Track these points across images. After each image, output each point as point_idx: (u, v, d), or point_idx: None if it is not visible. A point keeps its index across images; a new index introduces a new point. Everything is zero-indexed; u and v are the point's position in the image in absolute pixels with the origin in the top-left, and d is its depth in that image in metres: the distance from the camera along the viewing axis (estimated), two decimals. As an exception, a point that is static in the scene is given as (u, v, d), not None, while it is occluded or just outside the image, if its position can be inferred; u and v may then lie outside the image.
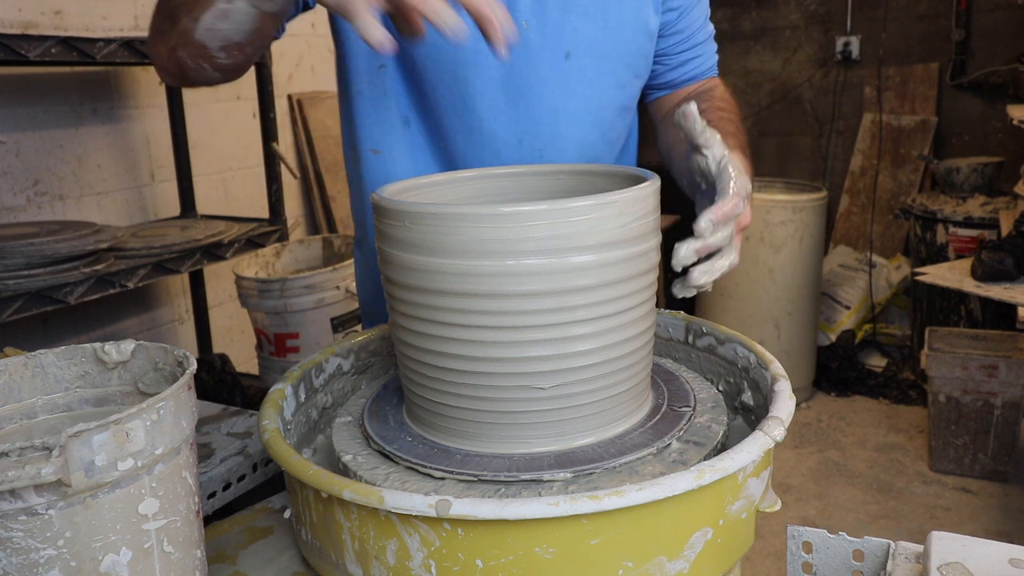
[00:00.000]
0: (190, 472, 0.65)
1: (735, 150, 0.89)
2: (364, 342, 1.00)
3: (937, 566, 0.61)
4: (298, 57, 3.13)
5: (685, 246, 0.75)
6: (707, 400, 0.86)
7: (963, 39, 3.60)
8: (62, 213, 2.34)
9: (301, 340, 2.44)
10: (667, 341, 1.00)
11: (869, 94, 3.88)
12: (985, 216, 3.05)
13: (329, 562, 0.70)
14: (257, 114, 2.63)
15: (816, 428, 3.19)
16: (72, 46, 1.89)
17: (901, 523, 2.54)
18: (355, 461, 0.78)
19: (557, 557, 0.61)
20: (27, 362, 0.70)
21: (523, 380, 0.73)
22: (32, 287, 1.82)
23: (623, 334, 0.75)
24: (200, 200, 2.67)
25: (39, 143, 2.27)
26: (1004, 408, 2.66)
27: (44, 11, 2.24)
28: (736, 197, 0.77)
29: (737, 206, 0.77)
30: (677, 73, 1.17)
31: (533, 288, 0.70)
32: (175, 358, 0.70)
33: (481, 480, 0.72)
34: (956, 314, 3.19)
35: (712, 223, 0.75)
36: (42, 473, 0.53)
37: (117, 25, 2.44)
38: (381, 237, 0.78)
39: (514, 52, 1.02)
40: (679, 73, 1.17)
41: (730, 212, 0.77)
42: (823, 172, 4.06)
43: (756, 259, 3.29)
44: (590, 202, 0.70)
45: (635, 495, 0.60)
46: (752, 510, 0.69)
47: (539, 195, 0.93)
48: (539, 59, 1.03)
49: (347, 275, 2.45)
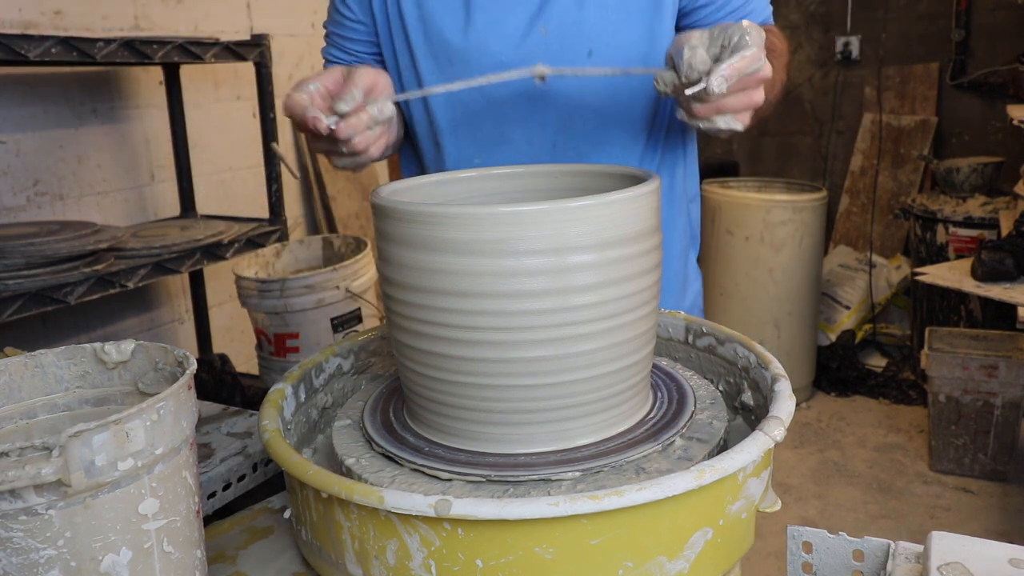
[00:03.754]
0: (190, 472, 0.65)
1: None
2: (364, 342, 1.00)
3: (937, 566, 0.61)
4: (298, 57, 3.13)
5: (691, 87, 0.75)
6: (706, 397, 0.86)
7: (963, 39, 3.60)
8: (62, 213, 2.34)
9: (301, 340, 2.44)
10: (667, 341, 1.00)
11: (869, 94, 3.88)
12: (985, 216, 3.05)
13: (329, 562, 0.70)
14: (257, 114, 2.63)
15: (816, 428, 3.19)
16: (72, 46, 1.89)
17: (901, 523, 2.54)
18: (359, 464, 0.77)
19: (557, 557, 0.61)
20: (27, 362, 0.70)
21: (524, 380, 0.73)
22: (32, 287, 1.82)
23: (624, 334, 0.75)
24: (200, 200, 2.67)
25: (39, 143, 2.27)
26: (1004, 408, 2.66)
27: (44, 11, 2.24)
28: (753, 49, 0.75)
29: (752, 63, 0.75)
30: None
31: (533, 288, 0.70)
32: (175, 358, 0.70)
33: (489, 481, 0.72)
34: (956, 314, 3.19)
35: (724, 79, 0.74)
36: (42, 473, 0.53)
37: (117, 25, 2.44)
38: (381, 237, 0.78)
39: (536, 58, 1.02)
40: None
41: (744, 67, 0.75)
42: (823, 172, 4.06)
43: (756, 259, 3.29)
44: (590, 202, 0.70)
45: (635, 495, 0.60)
46: (752, 510, 0.69)
47: (539, 195, 0.93)
48: (561, 61, 1.03)
49: (347, 275, 2.45)
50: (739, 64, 0.75)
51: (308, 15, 3.17)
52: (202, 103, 2.74)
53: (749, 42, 0.76)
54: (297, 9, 3.11)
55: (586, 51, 1.04)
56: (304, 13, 3.15)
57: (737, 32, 0.77)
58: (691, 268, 1.30)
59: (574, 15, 1.03)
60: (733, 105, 0.80)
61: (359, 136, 0.87)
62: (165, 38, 2.14)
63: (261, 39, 2.42)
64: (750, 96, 0.81)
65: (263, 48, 2.42)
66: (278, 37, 2.99)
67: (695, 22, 1.10)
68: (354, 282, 2.45)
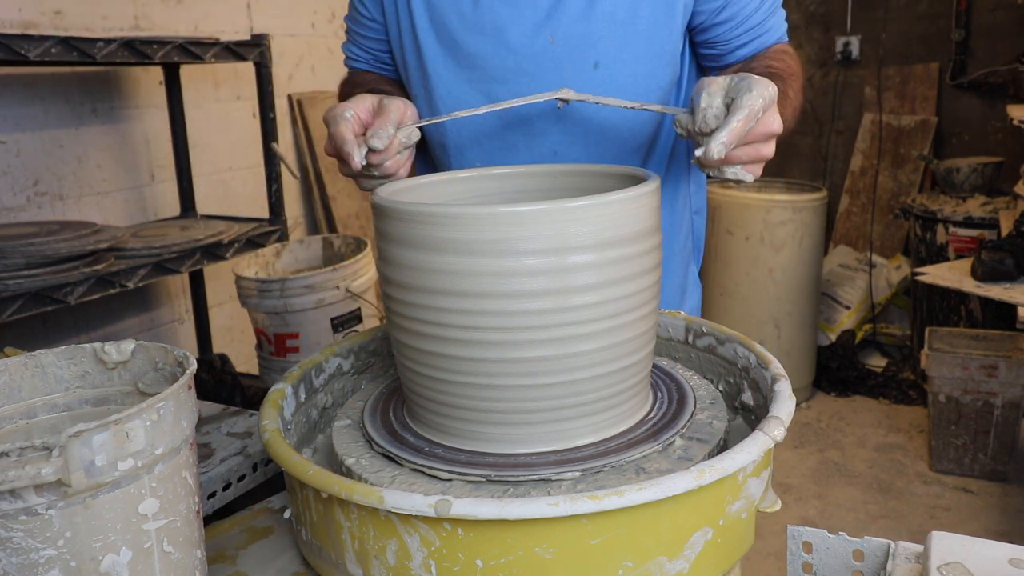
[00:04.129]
0: (190, 472, 0.65)
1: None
2: (364, 342, 1.00)
3: (937, 566, 0.61)
4: (298, 57, 3.13)
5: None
6: (706, 397, 0.86)
7: (963, 39, 3.60)
8: (62, 213, 2.34)
9: (301, 340, 2.44)
10: (667, 341, 1.00)
11: (869, 94, 3.88)
12: (985, 216, 3.05)
13: (329, 562, 0.70)
14: (257, 114, 2.63)
15: (816, 428, 3.19)
16: (72, 46, 1.89)
17: (901, 523, 2.54)
18: (359, 464, 0.77)
19: (557, 557, 0.61)
20: (27, 362, 0.70)
21: (524, 380, 0.73)
22: (32, 287, 1.82)
23: (624, 334, 0.75)
24: (200, 200, 2.67)
25: (39, 143, 2.27)
26: (1004, 408, 2.66)
27: (44, 11, 2.24)
28: (747, 110, 0.76)
29: (744, 128, 0.76)
30: (736, 56, 1.12)
31: (533, 288, 0.70)
32: (175, 358, 0.70)
33: (489, 481, 0.72)
34: (956, 314, 3.19)
35: (724, 146, 0.76)
36: (42, 473, 0.53)
37: (117, 25, 2.44)
38: (381, 237, 0.78)
39: (543, 68, 1.04)
40: (738, 56, 1.12)
41: (742, 130, 0.76)
42: (823, 172, 4.06)
43: (756, 259, 3.29)
44: (590, 202, 0.70)
45: (635, 495, 0.60)
46: (752, 510, 0.69)
47: (539, 195, 0.93)
48: (567, 71, 1.04)
49: (347, 275, 2.45)
50: (737, 128, 0.76)
51: (308, 15, 3.17)
52: (202, 103, 2.74)
53: (747, 102, 0.77)
54: (297, 9, 3.11)
55: (592, 63, 1.04)
56: (304, 13, 3.15)
57: (744, 89, 0.78)
58: (691, 280, 1.29)
59: (582, 27, 1.03)
60: (741, 158, 0.82)
61: (390, 160, 0.92)
62: (165, 38, 2.14)
63: (261, 39, 2.42)
64: (758, 150, 0.82)
65: (263, 48, 2.42)
66: (278, 37, 2.99)
67: (713, 39, 1.09)
68: (354, 282, 2.45)
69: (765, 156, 0.82)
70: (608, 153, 1.09)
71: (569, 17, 1.03)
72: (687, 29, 1.10)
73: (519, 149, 1.10)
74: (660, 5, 1.03)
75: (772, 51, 1.10)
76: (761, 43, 1.11)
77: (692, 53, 1.15)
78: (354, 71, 1.24)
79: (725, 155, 0.77)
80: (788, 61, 1.08)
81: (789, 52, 1.10)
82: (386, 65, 1.21)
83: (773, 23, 1.11)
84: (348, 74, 1.25)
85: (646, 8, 1.03)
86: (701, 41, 1.11)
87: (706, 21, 1.08)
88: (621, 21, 1.03)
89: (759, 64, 1.05)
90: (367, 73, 1.23)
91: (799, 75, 1.08)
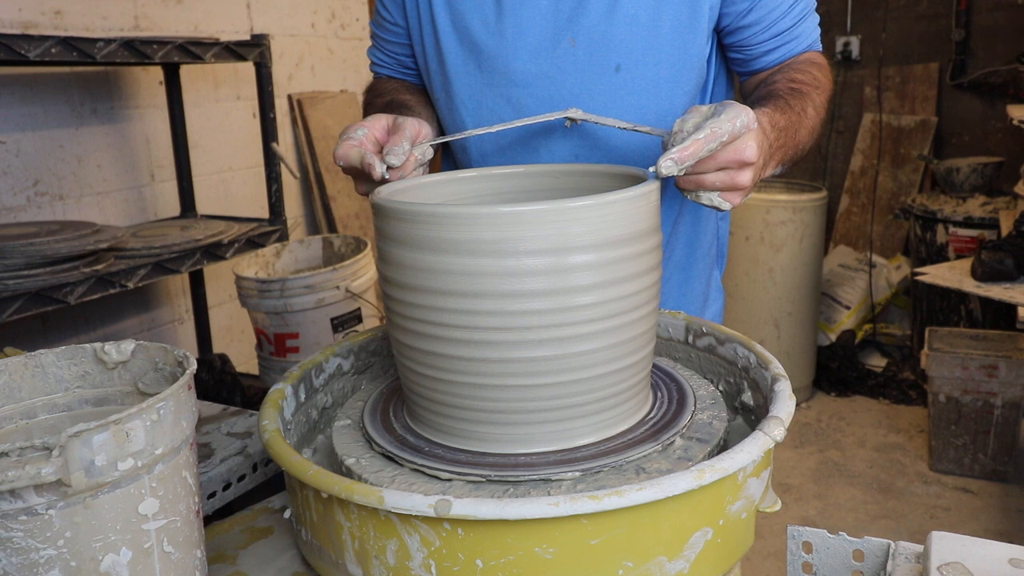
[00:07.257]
0: (190, 472, 0.65)
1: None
2: (364, 342, 1.00)
3: (937, 566, 0.61)
4: (298, 57, 3.13)
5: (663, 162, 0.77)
6: (706, 397, 0.86)
7: (963, 39, 3.60)
8: (62, 213, 2.34)
9: (301, 340, 2.44)
10: (667, 341, 1.00)
11: (869, 94, 3.88)
12: (985, 216, 3.05)
13: (329, 562, 0.70)
14: (257, 114, 2.63)
15: (816, 428, 3.19)
16: (72, 46, 1.89)
17: (901, 523, 2.54)
18: (359, 464, 0.77)
19: (557, 557, 0.61)
20: (27, 362, 0.70)
21: (524, 380, 0.73)
22: (32, 287, 1.82)
23: (624, 334, 0.75)
24: (200, 200, 2.67)
25: (39, 143, 2.27)
26: (1004, 408, 2.66)
27: (44, 11, 2.24)
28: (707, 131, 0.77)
29: (700, 148, 0.77)
30: (763, 62, 1.10)
31: (533, 288, 0.70)
32: (175, 358, 0.70)
33: (489, 481, 0.72)
34: (956, 314, 3.19)
35: (673, 162, 0.76)
36: (42, 473, 0.53)
37: (117, 25, 2.44)
38: (381, 237, 0.78)
39: (564, 71, 1.03)
40: (765, 62, 1.10)
41: (697, 151, 0.77)
42: (823, 172, 4.06)
43: (756, 259, 3.29)
44: (590, 202, 0.70)
45: (635, 495, 0.60)
46: (752, 510, 0.69)
47: (539, 195, 0.93)
48: (588, 74, 1.03)
49: (347, 275, 2.45)
50: (691, 147, 0.77)
51: (308, 15, 3.17)
52: (202, 103, 2.74)
53: (709, 125, 0.77)
54: (297, 9, 3.11)
55: (614, 66, 1.03)
56: (304, 13, 3.15)
57: (716, 114, 0.79)
58: (714, 286, 1.28)
59: (603, 29, 1.02)
60: (715, 184, 0.82)
61: (408, 177, 0.93)
62: (165, 38, 2.14)
63: (261, 39, 2.42)
64: (732, 177, 0.81)
65: (263, 48, 2.42)
66: (278, 37, 2.99)
67: (739, 42, 1.08)
68: (354, 282, 2.45)
69: (741, 184, 0.82)
70: (629, 158, 1.09)
71: (591, 19, 1.02)
72: (715, 31, 1.08)
73: (540, 153, 1.09)
74: (684, 8, 1.02)
75: (800, 61, 1.08)
76: (789, 50, 1.08)
77: (722, 57, 1.14)
78: (378, 77, 1.24)
79: (678, 172, 0.77)
80: (815, 73, 1.05)
81: (818, 62, 1.08)
82: (409, 70, 1.21)
83: (803, 29, 1.08)
84: (372, 81, 1.24)
85: (669, 11, 1.02)
86: (728, 44, 1.10)
87: (732, 24, 1.06)
88: (643, 23, 1.02)
89: (783, 77, 1.03)
90: (390, 80, 1.22)
91: (826, 87, 1.05)
